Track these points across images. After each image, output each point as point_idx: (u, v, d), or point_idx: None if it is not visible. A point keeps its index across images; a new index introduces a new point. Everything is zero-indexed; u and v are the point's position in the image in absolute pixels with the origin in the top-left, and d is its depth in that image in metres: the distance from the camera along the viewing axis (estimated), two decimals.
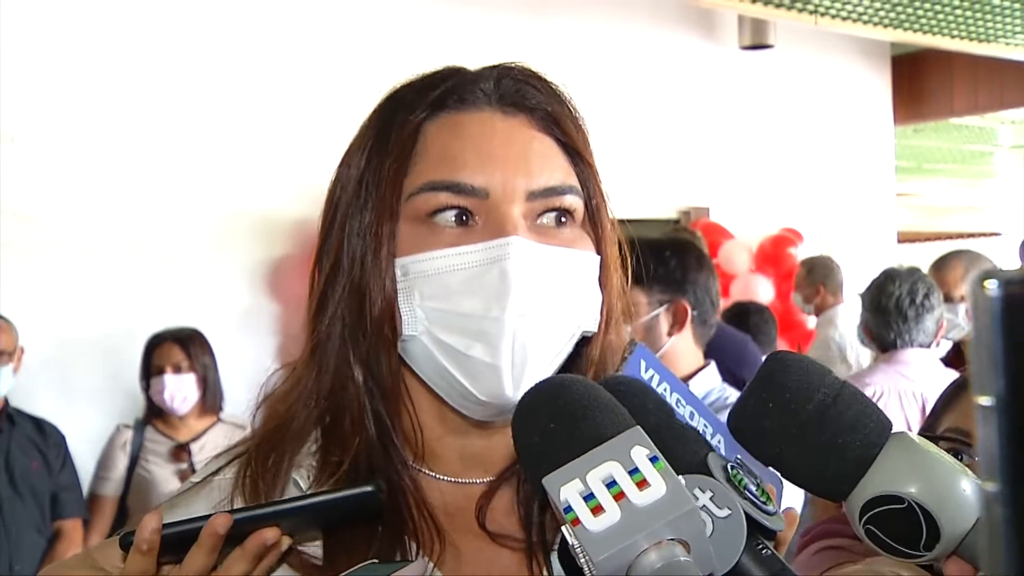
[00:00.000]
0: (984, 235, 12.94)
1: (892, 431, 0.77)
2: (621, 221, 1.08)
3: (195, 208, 4.83)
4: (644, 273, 2.42)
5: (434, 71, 1.03)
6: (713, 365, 2.55)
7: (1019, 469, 0.40)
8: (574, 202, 0.99)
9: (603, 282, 1.02)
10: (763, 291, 6.17)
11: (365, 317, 0.98)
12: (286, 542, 0.91)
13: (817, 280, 5.87)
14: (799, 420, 0.76)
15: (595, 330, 1.01)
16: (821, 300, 5.83)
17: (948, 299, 4.07)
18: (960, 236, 13.27)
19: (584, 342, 1.02)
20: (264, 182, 4.92)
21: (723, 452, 0.85)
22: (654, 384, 0.93)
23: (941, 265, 4.43)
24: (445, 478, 1.04)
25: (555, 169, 0.99)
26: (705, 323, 2.58)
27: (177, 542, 0.88)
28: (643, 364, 0.93)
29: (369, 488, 0.90)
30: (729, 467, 0.75)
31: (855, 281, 6.13)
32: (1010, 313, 0.41)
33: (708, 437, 0.90)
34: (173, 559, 0.89)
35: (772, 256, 6.54)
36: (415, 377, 1.01)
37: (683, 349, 2.52)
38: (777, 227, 6.76)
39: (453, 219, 0.96)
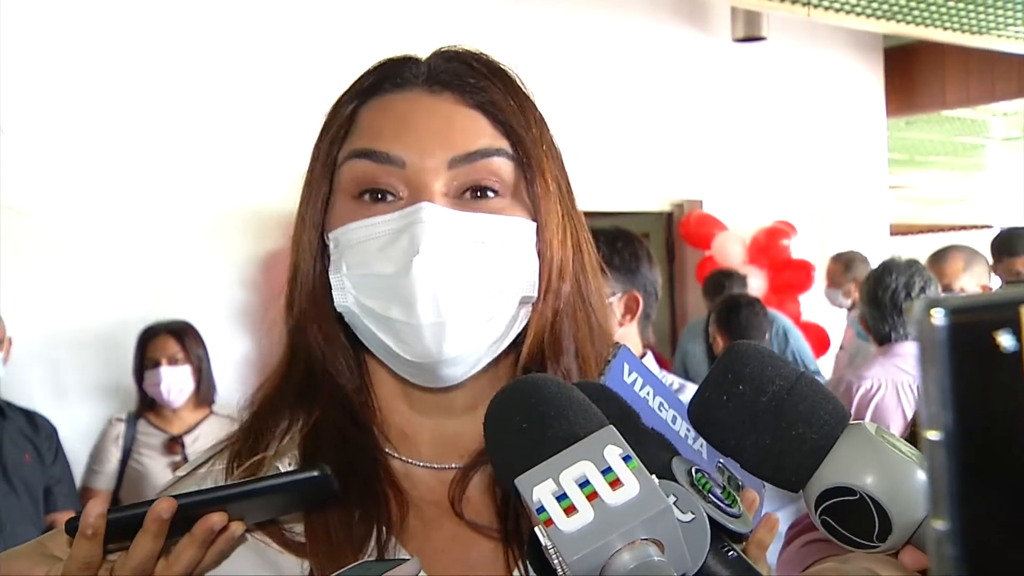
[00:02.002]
0: (976, 227, 12.96)
1: (849, 422, 0.78)
2: (614, 214, 1.09)
3: (187, 202, 4.82)
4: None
5: (376, 62, 1.07)
6: (651, 354, 2.63)
7: (969, 507, 0.38)
8: (501, 165, 0.99)
9: (540, 249, 1.01)
10: (756, 283, 6.18)
11: (308, 292, 1.02)
12: (238, 527, 0.91)
13: (857, 274, 5.89)
14: (754, 412, 0.77)
15: (534, 295, 1.01)
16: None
17: (948, 291, 4.07)
18: (952, 228, 13.29)
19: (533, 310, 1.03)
20: (256, 176, 4.91)
21: (705, 456, 0.85)
22: (637, 388, 0.93)
23: (940, 257, 4.41)
24: (420, 464, 1.04)
25: (480, 136, 0.99)
26: (648, 316, 2.66)
27: (124, 527, 0.87)
28: (626, 367, 0.93)
29: (315, 472, 0.89)
30: (693, 471, 0.75)
31: None
32: (957, 343, 0.38)
33: (690, 442, 0.90)
34: (122, 545, 0.88)
35: (765, 248, 6.54)
36: (372, 355, 1.03)
37: (630, 339, 2.58)
38: (770, 219, 6.77)
39: (381, 196, 0.99)
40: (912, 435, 1.78)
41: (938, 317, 0.39)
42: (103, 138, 4.62)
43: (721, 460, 0.84)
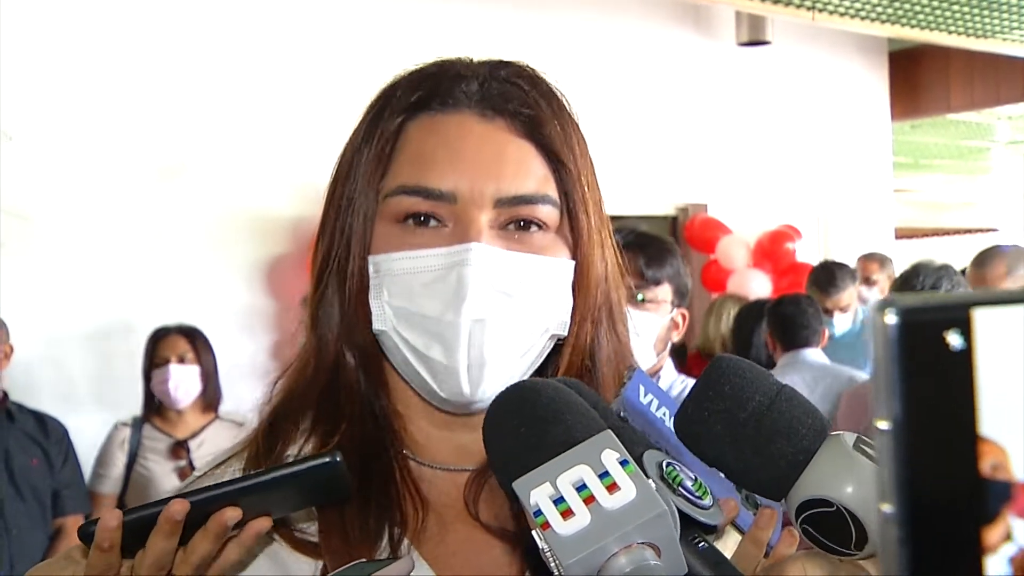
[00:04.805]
0: (981, 231, 12.93)
1: (829, 434, 0.80)
2: (619, 218, 1.10)
3: (192, 207, 4.84)
4: (670, 270, 2.61)
5: (424, 65, 1.05)
6: (670, 360, 2.76)
7: (912, 492, 0.41)
8: (547, 212, 0.99)
9: (578, 287, 1.01)
10: (760, 286, 6.18)
11: (345, 305, 1.01)
12: (266, 523, 0.91)
13: (891, 272, 5.92)
14: (734, 426, 0.79)
15: (564, 334, 1.02)
16: None
17: None
18: (957, 232, 13.26)
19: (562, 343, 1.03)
20: (261, 181, 4.93)
21: (722, 475, 0.86)
22: (653, 408, 0.94)
23: (983, 261, 4.31)
24: (436, 466, 1.05)
25: (528, 176, 0.99)
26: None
27: (141, 528, 0.88)
28: (642, 389, 0.94)
29: (327, 459, 0.89)
30: (664, 464, 0.76)
31: None
32: (907, 341, 0.41)
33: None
34: (140, 546, 0.89)
35: (770, 252, 6.54)
36: (394, 369, 1.03)
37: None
38: (775, 223, 6.76)
39: (424, 220, 0.98)
40: None
41: (890, 316, 0.41)
42: (107, 143, 4.64)
43: None
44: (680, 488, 0.75)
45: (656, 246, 2.63)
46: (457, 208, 0.97)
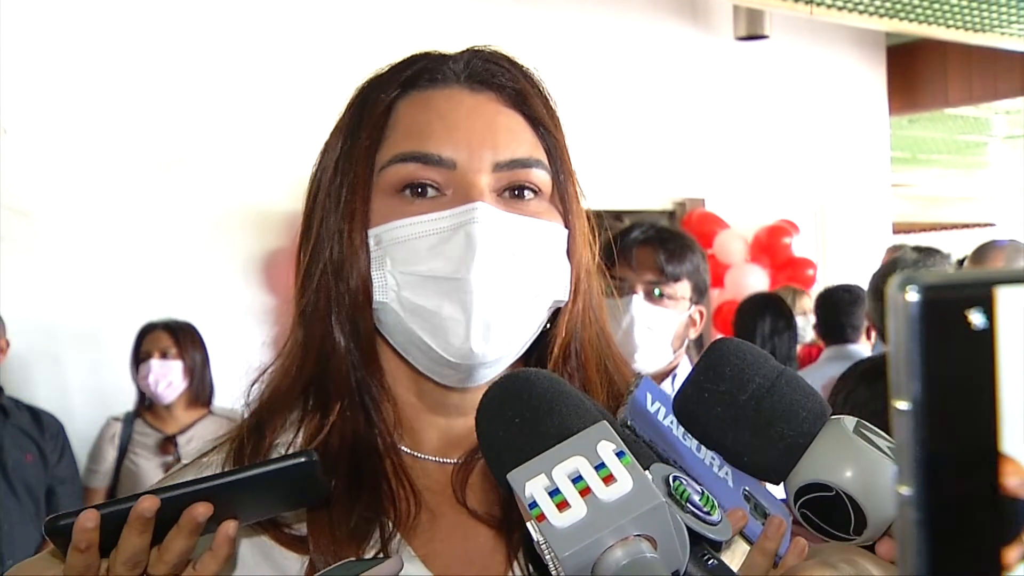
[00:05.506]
0: (979, 225, 12.95)
1: (829, 418, 0.79)
2: (617, 212, 1.10)
3: (189, 202, 4.82)
4: (690, 267, 2.60)
5: (408, 55, 1.07)
6: (687, 357, 2.71)
7: (932, 473, 0.40)
8: (540, 176, 1.02)
9: (571, 255, 1.04)
10: (758, 281, 6.17)
11: (343, 286, 1.01)
12: (231, 525, 0.89)
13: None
14: (734, 409, 0.78)
15: (567, 298, 1.04)
16: None
17: None
18: (955, 226, 13.28)
19: (556, 314, 1.05)
20: (258, 175, 4.91)
21: (731, 484, 0.85)
22: (660, 417, 0.93)
23: (981, 255, 4.33)
24: (426, 457, 1.05)
25: (521, 142, 1.02)
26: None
27: (114, 526, 0.87)
28: (649, 397, 0.93)
29: (302, 459, 0.89)
30: (671, 478, 0.74)
31: (851, 271, 6.15)
32: (928, 319, 0.40)
33: (715, 469, 0.89)
34: (114, 543, 0.88)
35: (767, 246, 6.53)
36: (391, 350, 1.03)
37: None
38: (773, 218, 6.76)
39: (423, 191, 0.99)
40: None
41: (912, 293, 0.40)
42: (105, 139, 4.62)
43: (747, 488, 0.84)
44: (688, 504, 0.73)
45: (677, 241, 2.60)
46: (456, 174, 0.98)
